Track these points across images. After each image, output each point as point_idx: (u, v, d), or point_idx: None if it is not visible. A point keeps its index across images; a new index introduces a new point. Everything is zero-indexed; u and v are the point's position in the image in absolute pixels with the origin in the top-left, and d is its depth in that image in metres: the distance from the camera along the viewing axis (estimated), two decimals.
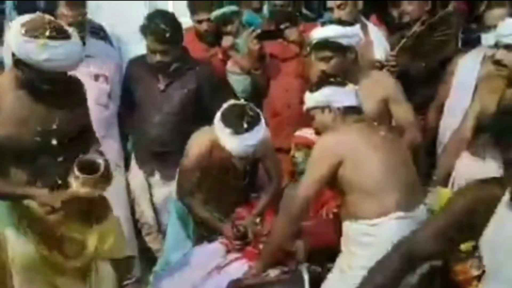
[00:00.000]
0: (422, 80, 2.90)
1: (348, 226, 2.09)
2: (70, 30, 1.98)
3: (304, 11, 3.36)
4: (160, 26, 2.64)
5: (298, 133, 2.63)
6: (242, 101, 2.37)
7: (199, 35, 3.05)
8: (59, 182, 2.03)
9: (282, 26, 2.95)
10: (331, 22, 2.57)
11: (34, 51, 1.86)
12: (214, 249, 2.43)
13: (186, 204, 2.52)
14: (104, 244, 2.17)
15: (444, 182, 2.48)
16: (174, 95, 2.77)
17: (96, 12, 3.07)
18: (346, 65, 2.48)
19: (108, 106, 2.81)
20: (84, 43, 2.73)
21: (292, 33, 2.94)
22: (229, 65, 3.02)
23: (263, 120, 2.30)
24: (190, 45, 2.89)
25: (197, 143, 2.43)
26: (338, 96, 2.16)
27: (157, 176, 2.88)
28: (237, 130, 2.21)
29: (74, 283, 2.14)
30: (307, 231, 2.31)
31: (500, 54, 2.26)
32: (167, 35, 2.64)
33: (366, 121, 2.20)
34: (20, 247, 2.03)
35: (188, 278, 2.33)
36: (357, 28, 2.50)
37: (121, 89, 2.87)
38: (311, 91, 2.21)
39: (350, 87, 2.20)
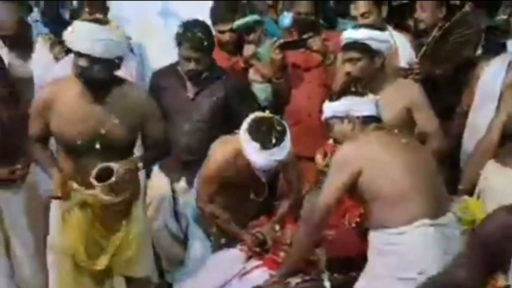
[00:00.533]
0: (443, 86, 2.87)
1: (372, 236, 2.07)
2: (113, 24, 2.13)
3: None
4: (197, 34, 2.69)
5: (331, 141, 2.61)
6: (269, 114, 2.37)
7: (220, 44, 3.08)
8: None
9: (305, 36, 2.96)
10: (362, 26, 2.57)
11: (67, 30, 2.07)
12: (234, 256, 2.43)
13: (206, 212, 2.52)
14: (122, 255, 2.24)
15: (470, 191, 2.43)
16: (203, 103, 2.80)
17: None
18: (372, 69, 2.48)
19: None
20: None
21: (315, 42, 2.95)
22: (251, 74, 3.05)
23: (289, 134, 2.30)
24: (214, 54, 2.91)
25: (220, 152, 2.44)
26: (357, 105, 2.16)
27: (182, 182, 2.88)
28: (266, 146, 2.21)
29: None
30: (329, 240, 2.30)
31: None
32: (204, 43, 2.70)
33: (385, 129, 2.18)
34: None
35: (208, 284, 2.33)
36: (387, 34, 2.51)
37: None
38: (330, 100, 2.22)
39: (370, 96, 2.19)
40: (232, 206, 2.53)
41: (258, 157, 2.23)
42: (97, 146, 2.17)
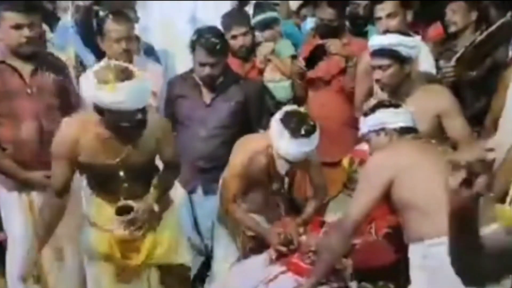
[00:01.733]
0: (473, 91, 2.82)
1: (411, 250, 2.03)
2: (132, 68, 2.08)
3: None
4: (211, 39, 2.72)
5: (359, 147, 2.60)
6: (302, 109, 2.42)
7: (233, 51, 3.08)
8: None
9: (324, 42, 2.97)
10: (390, 31, 2.54)
11: (106, 96, 1.99)
12: (259, 262, 2.43)
13: (231, 212, 2.53)
14: (157, 249, 2.28)
15: (501, 199, 2.37)
16: (220, 109, 2.80)
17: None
18: (402, 76, 2.45)
19: None
20: (131, 61, 2.83)
21: (334, 45, 2.96)
22: (267, 74, 3.05)
23: (318, 130, 2.33)
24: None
25: (243, 149, 2.47)
26: (392, 117, 2.15)
27: (199, 191, 2.88)
28: (296, 135, 2.25)
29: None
30: (356, 250, 2.28)
31: None
32: (218, 47, 2.72)
33: (422, 139, 2.15)
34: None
35: None
36: (417, 39, 2.48)
37: (163, 109, 2.91)
38: (365, 115, 2.22)
39: (405, 108, 2.18)
40: (253, 205, 2.55)
41: (288, 145, 2.26)
42: (121, 173, 2.20)
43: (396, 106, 2.18)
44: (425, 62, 2.79)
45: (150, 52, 3.15)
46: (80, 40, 3.21)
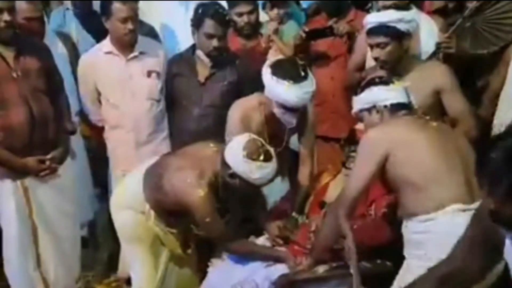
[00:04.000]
0: (473, 69, 2.78)
1: (404, 226, 2.02)
2: (271, 151, 2.23)
3: None
4: (219, 10, 2.71)
5: (358, 126, 2.57)
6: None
7: (237, 29, 3.05)
8: None
9: (330, 22, 2.93)
10: (387, 7, 2.50)
11: (251, 171, 2.16)
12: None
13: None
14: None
15: None
16: (214, 87, 2.78)
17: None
18: (400, 52, 2.42)
19: (160, 101, 2.89)
20: (135, 41, 2.84)
21: (343, 27, 2.92)
22: (271, 54, 3.01)
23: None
24: (228, 40, 2.89)
25: (240, 107, 2.46)
26: (383, 94, 2.12)
27: None
28: (296, 80, 2.24)
29: None
30: (355, 230, 2.26)
31: None
32: (227, 18, 2.72)
33: (416, 114, 2.13)
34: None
35: (234, 275, 2.31)
36: (414, 12, 2.43)
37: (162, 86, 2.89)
38: (356, 94, 2.19)
39: (397, 84, 2.15)
40: None
41: (290, 94, 2.24)
42: None
43: (387, 83, 2.16)
44: (429, 36, 2.71)
45: (152, 33, 3.13)
46: (78, 22, 3.18)
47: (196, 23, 2.73)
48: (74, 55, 3.04)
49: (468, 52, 2.70)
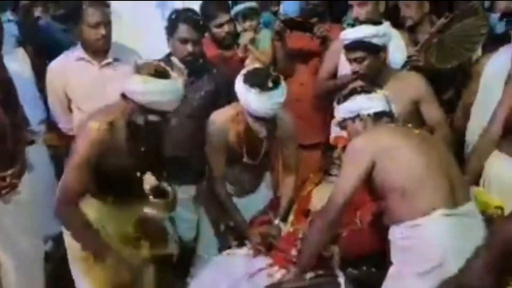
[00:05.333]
0: (444, 79, 2.89)
1: (391, 232, 2.04)
2: (173, 72, 2.14)
3: None
4: (193, 15, 2.69)
5: (336, 134, 2.59)
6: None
7: (217, 41, 3.03)
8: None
9: (312, 20, 2.97)
10: (362, 22, 2.56)
11: (134, 85, 2.06)
12: (242, 255, 2.39)
13: (216, 191, 2.50)
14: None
15: (475, 182, 2.45)
16: (191, 97, 2.73)
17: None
18: (378, 65, 2.50)
19: None
20: (109, 47, 2.75)
21: (321, 28, 2.97)
22: (248, 62, 3.00)
23: (284, 82, 2.32)
24: (206, 50, 2.87)
25: (219, 117, 2.45)
26: (366, 103, 2.16)
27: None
28: (264, 88, 2.22)
29: None
30: (342, 238, 2.27)
31: None
32: (201, 23, 2.70)
33: (398, 122, 2.18)
34: None
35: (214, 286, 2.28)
36: (387, 26, 2.50)
37: None
38: (339, 103, 2.22)
39: (379, 93, 2.20)
40: (230, 173, 2.53)
41: (258, 102, 2.23)
42: (138, 174, 2.24)
43: (369, 91, 2.21)
44: (396, 49, 2.82)
45: None
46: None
47: (170, 29, 2.70)
48: (39, 62, 2.92)
49: (434, 66, 2.81)
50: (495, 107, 2.44)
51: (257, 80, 2.24)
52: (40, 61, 2.90)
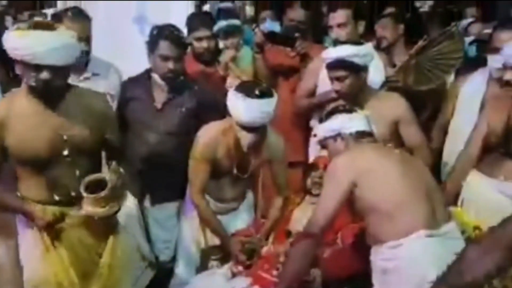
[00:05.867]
0: (421, 101, 2.94)
1: (373, 253, 2.04)
2: (59, 26, 1.97)
3: None
4: (174, 32, 2.64)
5: (316, 153, 2.60)
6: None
7: (196, 54, 3.01)
8: (74, 195, 2.04)
9: (295, 35, 2.98)
10: (344, 42, 2.60)
11: (11, 41, 1.88)
12: (221, 275, 2.34)
13: (197, 204, 2.46)
14: (109, 279, 2.15)
15: (454, 202, 2.49)
16: (171, 114, 2.70)
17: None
18: (359, 84, 2.52)
19: None
20: (88, 62, 2.70)
21: (303, 46, 2.98)
22: (229, 81, 3.00)
23: (276, 97, 2.30)
24: (187, 66, 2.84)
25: (207, 132, 2.42)
26: (348, 122, 2.18)
27: (147, 200, 2.75)
28: (249, 94, 2.21)
29: None
30: (324, 260, 2.26)
31: (509, 75, 2.31)
32: (182, 39, 2.66)
33: (379, 142, 2.20)
34: None
35: None
36: (368, 47, 2.53)
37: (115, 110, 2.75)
38: (321, 122, 2.23)
39: (359, 112, 2.22)
40: (216, 186, 2.50)
41: (242, 107, 2.22)
42: (65, 152, 2.03)
43: (350, 111, 2.23)
44: (375, 70, 2.84)
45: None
46: None
47: (151, 45, 2.66)
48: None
49: (411, 87, 2.86)
50: (473, 128, 2.49)
51: (248, 88, 2.26)
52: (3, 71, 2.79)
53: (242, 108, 2.22)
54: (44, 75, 1.90)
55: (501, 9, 3.89)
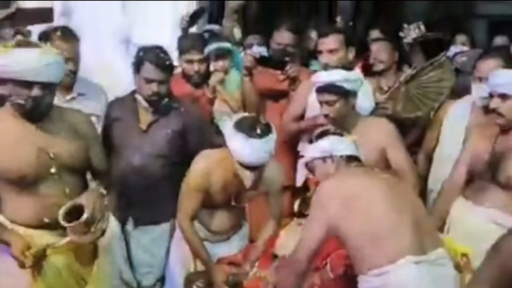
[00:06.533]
0: (407, 127, 2.96)
1: (360, 281, 2.01)
2: (43, 45, 1.98)
3: None
4: (160, 54, 2.62)
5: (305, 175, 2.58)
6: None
7: (186, 76, 3.00)
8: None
9: (286, 59, 2.99)
10: (333, 67, 2.62)
11: (2, 58, 1.87)
12: None
13: (182, 228, 2.42)
14: None
15: (440, 228, 2.49)
16: (156, 136, 2.66)
17: None
18: (348, 109, 2.53)
19: None
20: (74, 82, 2.68)
21: (293, 68, 2.98)
22: (217, 105, 2.98)
23: (275, 133, 2.27)
24: (176, 86, 2.82)
25: (203, 161, 2.37)
26: (340, 145, 2.18)
27: (130, 224, 2.69)
28: (251, 135, 2.18)
29: None
30: None
31: (495, 103, 2.35)
32: (167, 63, 2.63)
33: (367, 167, 2.19)
34: None
35: None
36: (358, 73, 2.55)
37: (101, 131, 2.72)
38: (311, 142, 2.22)
39: (349, 137, 2.23)
40: (210, 216, 2.46)
41: (245, 148, 2.18)
42: (53, 170, 2.00)
43: (341, 134, 2.24)
44: (364, 96, 2.86)
45: None
46: None
47: (136, 66, 2.64)
48: None
49: (400, 115, 2.89)
50: (458, 156, 2.51)
51: (247, 126, 2.21)
52: None
53: (245, 148, 2.19)
54: (35, 92, 1.90)
55: None
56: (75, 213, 1.95)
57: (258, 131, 2.19)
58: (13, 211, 2.03)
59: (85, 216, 1.92)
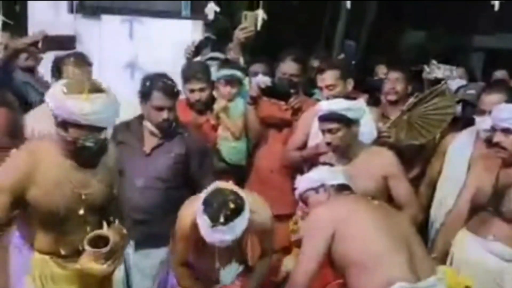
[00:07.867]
0: (409, 157, 2.97)
1: None
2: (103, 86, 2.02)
3: None
4: (167, 82, 2.66)
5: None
6: (230, 187, 2.16)
7: (189, 103, 3.03)
8: (80, 249, 2.03)
9: (291, 91, 3.02)
10: (337, 96, 2.64)
11: (77, 107, 1.91)
12: None
13: (175, 273, 2.37)
14: None
15: (442, 260, 2.48)
16: (159, 159, 2.68)
17: None
18: (350, 138, 2.55)
19: None
20: None
21: (297, 101, 3.01)
22: (220, 130, 3.00)
23: (246, 210, 2.09)
24: (180, 112, 2.84)
25: (188, 210, 2.27)
26: (331, 174, 2.21)
27: (131, 245, 2.63)
28: (214, 223, 2.04)
29: None
30: None
31: (498, 137, 2.37)
32: (175, 90, 2.68)
33: (358, 195, 2.21)
34: None
35: None
36: (361, 102, 2.57)
37: None
38: (303, 174, 2.22)
39: (339, 167, 2.25)
40: (202, 270, 2.37)
41: (207, 232, 2.09)
42: (81, 212, 2.05)
43: (331, 164, 2.27)
44: (366, 125, 2.86)
45: None
46: None
47: (144, 95, 2.68)
48: None
49: (402, 142, 2.91)
50: (461, 187, 2.52)
51: (211, 210, 2.06)
52: None
53: (207, 232, 2.06)
54: (103, 135, 1.98)
55: None
56: (96, 241, 2.01)
57: (222, 219, 2.04)
58: (33, 237, 2.06)
59: (108, 247, 1.99)
